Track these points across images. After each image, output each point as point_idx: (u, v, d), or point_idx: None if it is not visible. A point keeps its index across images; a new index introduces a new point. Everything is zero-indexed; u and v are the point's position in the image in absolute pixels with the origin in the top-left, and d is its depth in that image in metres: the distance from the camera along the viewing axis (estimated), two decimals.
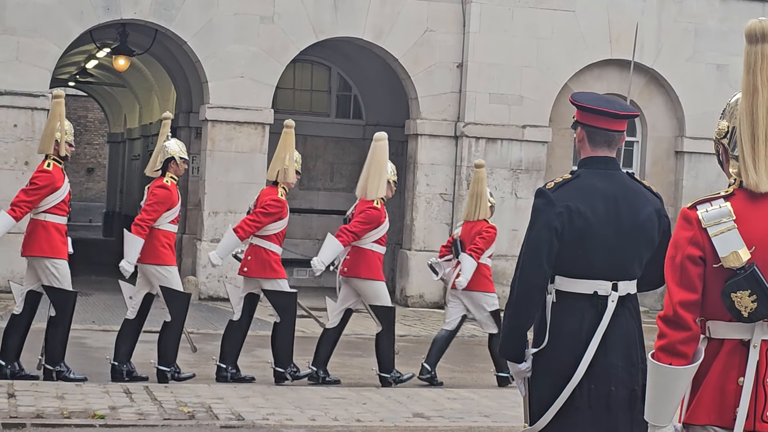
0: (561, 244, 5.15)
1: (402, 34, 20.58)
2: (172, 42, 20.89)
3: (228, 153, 20.01)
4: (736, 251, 3.98)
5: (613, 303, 5.18)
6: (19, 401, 9.91)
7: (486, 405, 10.99)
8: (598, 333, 5.13)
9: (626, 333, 5.22)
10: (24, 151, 19.12)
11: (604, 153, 5.32)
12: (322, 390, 11.34)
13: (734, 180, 4.14)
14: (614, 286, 5.19)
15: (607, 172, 5.29)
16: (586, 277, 5.17)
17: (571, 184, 5.24)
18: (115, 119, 37.83)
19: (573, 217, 5.15)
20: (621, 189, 5.27)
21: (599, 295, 5.16)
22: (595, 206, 5.19)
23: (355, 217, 11.87)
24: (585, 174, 5.27)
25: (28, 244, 11.30)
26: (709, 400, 4.05)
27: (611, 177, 5.28)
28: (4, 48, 19.01)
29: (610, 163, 5.32)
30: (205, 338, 15.15)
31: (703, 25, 21.72)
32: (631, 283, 5.25)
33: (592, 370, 5.13)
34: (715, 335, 4.09)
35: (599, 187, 5.23)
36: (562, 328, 5.17)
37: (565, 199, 5.17)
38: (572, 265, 5.18)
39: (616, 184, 5.27)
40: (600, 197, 5.21)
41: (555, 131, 21.26)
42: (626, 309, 5.24)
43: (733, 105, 4.18)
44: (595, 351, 5.12)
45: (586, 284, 5.17)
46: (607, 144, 5.32)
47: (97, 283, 22.07)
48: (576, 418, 5.15)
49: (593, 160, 5.31)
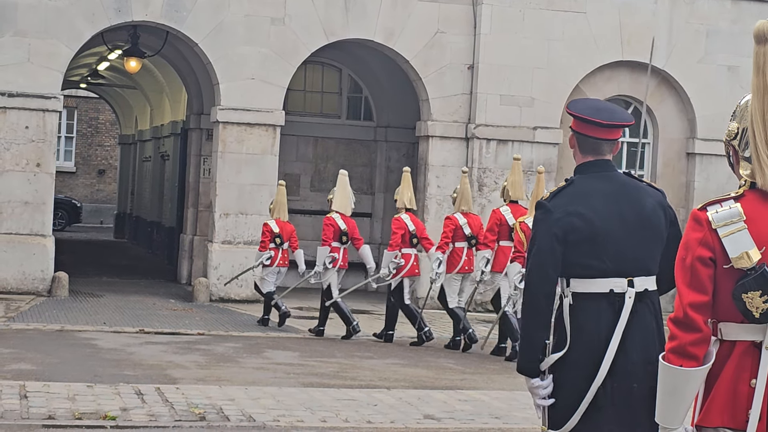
0: (567, 248, 5.18)
1: (413, 35, 20.58)
2: (183, 44, 20.92)
3: (239, 155, 20.03)
4: (746, 252, 3.97)
5: (630, 299, 5.18)
6: (30, 402, 9.94)
7: (497, 407, 10.98)
8: (617, 331, 5.16)
9: (645, 330, 5.22)
10: (35, 152, 19.16)
11: (596, 157, 5.34)
12: (333, 391, 11.35)
13: (745, 181, 4.13)
14: (630, 283, 5.20)
15: (603, 174, 5.31)
16: (599, 276, 5.19)
17: (566, 190, 5.28)
18: (126, 121, 37.89)
19: (573, 220, 5.18)
20: (619, 186, 5.30)
21: (615, 293, 5.18)
22: (594, 206, 5.22)
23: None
24: (579, 179, 5.31)
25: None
26: (721, 402, 4.04)
27: (607, 177, 5.31)
28: (15, 50, 19.05)
29: (604, 165, 5.33)
30: (215, 339, 15.17)
31: (714, 26, 21.68)
32: (648, 279, 5.24)
33: (614, 368, 5.15)
34: (727, 337, 4.08)
35: (596, 187, 5.27)
36: (582, 329, 5.20)
37: (562, 205, 5.22)
38: (584, 266, 5.20)
39: (613, 183, 5.30)
40: (599, 197, 5.25)
41: (566, 133, 21.21)
42: (645, 305, 5.23)
43: (744, 106, 4.17)
44: (616, 349, 5.14)
45: (601, 283, 5.19)
46: (595, 152, 5.33)
47: (108, 284, 22.11)
48: (601, 418, 5.18)
49: (586, 165, 5.35)
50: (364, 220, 23.08)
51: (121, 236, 37.65)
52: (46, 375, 11.47)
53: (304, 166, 23.79)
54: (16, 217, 19.05)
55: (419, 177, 21.09)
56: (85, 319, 16.71)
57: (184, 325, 16.60)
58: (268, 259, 16.61)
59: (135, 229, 35.36)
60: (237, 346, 14.56)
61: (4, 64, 19.02)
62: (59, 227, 36.42)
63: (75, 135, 47.34)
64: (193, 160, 23.91)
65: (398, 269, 15.39)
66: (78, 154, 47.57)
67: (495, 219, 14.87)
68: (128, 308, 18.44)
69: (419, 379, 12.56)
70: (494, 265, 14.75)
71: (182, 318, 17.50)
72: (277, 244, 16.60)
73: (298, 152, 23.65)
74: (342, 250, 15.88)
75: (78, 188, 46.96)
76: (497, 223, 14.81)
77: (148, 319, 17.13)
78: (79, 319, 16.52)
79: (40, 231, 19.14)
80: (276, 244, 16.61)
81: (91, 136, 47.76)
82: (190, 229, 23.47)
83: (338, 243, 15.85)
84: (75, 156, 47.50)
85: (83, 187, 47.40)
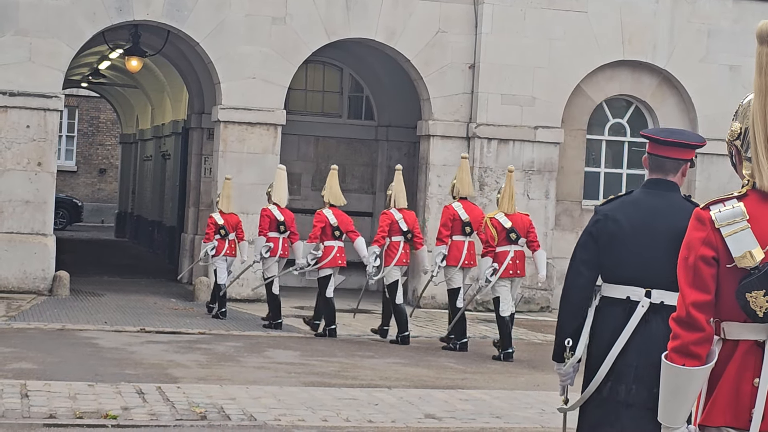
0: (599, 249, 5.59)
1: (414, 35, 20.58)
2: (184, 43, 20.92)
3: (240, 154, 20.03)
4: (749, 251, 3.96)
5: (642, 308, 5.43)
6: (31, 401, 9.94)
7: (498, 406, 10.98)
8: (623, 335, 5.46)
9: (653, 337, 5.41)
10: (36, 152, 19.16)
11: (658, 176, 5.70)
12: (334, 391, 11.34)
13: (747, 181, 4.12)
14: (648, 293, 5.45)
15: (658, 192, 5.66)
16: (620, 283, 5.54)
17: (620, 198, 5.74)
18: (127, 120, 37.90)
19: (608, 224, 5.59)
20: (665, 204, 5.59)
21: (631, 300, 5.50)
22: (632, 216, 5.58)
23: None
24: (637, 191, 5.74)
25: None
26: (724, 401, 4.03)
27: (660, 195, 5.64)
28: (17, 49, 19.06)
29: (662, 184, 5.66)
30: (216, 339, 15.17)
31: (716, 25, 21.67)
32: (668, 293, 5.43)
33: (614, 369, 5.46)
34: (730, 336, 4.07)
35: (645, 201, 5.64)
36: (597, 330, 5.59)
37: (607, 210, 5.66)
38: (609, 270, 5.59)
39: (661, 200, 5.63)
40: (641, 209, 5.61)
41: (567, 132, 21.23)
42: (659, 317, 5.43)
43: (746, 106, 4.16)
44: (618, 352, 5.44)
45: (621, 289, 5.53)
46: (660, 169, 5.68)
47: (109, 283, 22.11)
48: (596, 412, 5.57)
49: (649, 181, 5.74)
50: (365, 219, 23.10)
51: (122, 235, 37.66)
52: (47, 374, 11.47)
53: (306, 165, 23.79)
54: (17, 217, 19.05)
55: (420, 176, 21.09)
56: (86, 318, 16.71)
57: (185, 324, 16.60)
58: (212, 249, 17.58)
59: (136, 229, 35.37)
60: (238, 346, 14.56)
61: (5, 64, 19.02)
62: (60, 226, 36.42)
63: (76, 134, 47.37)
64: (194, 159, 23.91)
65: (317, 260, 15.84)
66: (79, 153, 47.59)
67: (449, 215, 15.29)
68: (129, 307, 18.44)
69: (420, 379, 12.55)
70: (448, 259, 15.17)
71: (183, 317, 17.50)
72: (222, 235, 17.60)
73: (299, 152, 23.66)
74: (281, 240, 16.67)
75: (79, 187, 46.98)
76: (451, 219, 15.23)
77: (149, 318, 17.13)
78: (80, 319, 16.52)
79: (41, 230, 19.14)
80: (221, 236, 17.59)
81: (92, 136, 47.78)
82: (191, 228, 23.48)
83: (276, 233, 16.66)
84: (76, 155, 47.52)
85: (84, 187, 47.42)
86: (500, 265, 14.31)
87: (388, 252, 15.61)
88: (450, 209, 15.33)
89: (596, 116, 21.82)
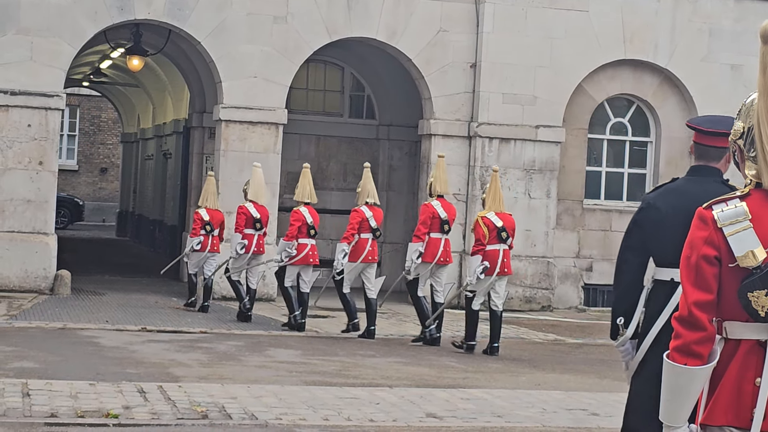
0: (644, 235, 6.03)
1: (415, 34, 20.58)
2: (185, 42, 20.92)
3: (242, 153, 20.03)
4: (752, 250, 3.96)
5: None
6: (33, 400, 9.94)
7: (499, 405, 10.98)
8: (665, 312, 5.91)
9: None
10: (38, 151, 19.17)
11: (702, 163, 6.09)
12: (335, 390, 11.34)
13: (750, 181, 4.12)
14: None
15: (698, 178, 6.04)
16: (665, 266, 5.99)
17: (665, 186, 6.15)
18: (128, 119, 37.90)
19: (650, 211, 6.04)
20: (701, 190, 5.84)
21: (674, 282, 5.89)
22: (672, 202, 5.98)
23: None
24: (681, 179, 6.14)
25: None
26: (726, 400, 4.03)
27: (699, 181, 6.01)
28: (18, 48, 19.06)
29: (704, 170, 6.06)
30: (218, 338, 15.18)
31: (717, 25, 21.66)
32: None
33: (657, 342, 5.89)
34: (731, 336, 4.07)
35: (686, 187, 6.03)
36: (648, 309, 6.05)
37: (651, 198, 6.11)
38: (656, 254, 6.05)
39: (699, 186, 5.96)
40: (681, 195, 5.98)
41: (568, 131, 21.23)
42: None
43: (749, 105, 4.16)
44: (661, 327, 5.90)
45: (666, 272, 5.98)
46: (704, 157, 6.08)
47: (110, 282, 22.12)
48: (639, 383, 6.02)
49: (692, 168, 6.15)
50: None
51: (123, 234, 37.67)
52: (48, 373, 11.47)
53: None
54: (18, 216, 19.06)
55: (421, 175, 21.09)
56: (88, 317, 16.72)
57: (187, 323, 16.61)
58: (198, 244, 17.96)
59: (137, 228, 35.37)
60: (239, 345, 14.56)
61: (6, 62, 19.03)
62: (61, 225, 36.42)
63: (77, 133, 47.37)
64: (195, 158, 23.91)
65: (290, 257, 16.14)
66: (80, 152, 47.60)
67: (428, 213, 15.53)
68: (130, 306, 18.45)
69: (421, 378, 12.55)
70: (424, 256, 15.42)
71: (184, 316, 17.51)
72: (207, 231, 18.01)
73: (301, 151, 23.65)
74: (256, 237, 17.04)
75: (80, 186, 46.99)
76: (430, 217, 15.48)
77: (151, 317, 17.13)
78: (82, 317, 16.53)
79: (43, 229, 19.14)
80: (206, 231, 18.00)
81: (94, 135, 47.77)
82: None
83: (252, 230, 17.01)
84: (77, 154, 47.53)
85: (85, 186, 47.42)
86: (491, 263, 14.59)
87: (355, 249, 15.89)
88: (429, 207, 15.56)
89: (597, 115, 21.82)
